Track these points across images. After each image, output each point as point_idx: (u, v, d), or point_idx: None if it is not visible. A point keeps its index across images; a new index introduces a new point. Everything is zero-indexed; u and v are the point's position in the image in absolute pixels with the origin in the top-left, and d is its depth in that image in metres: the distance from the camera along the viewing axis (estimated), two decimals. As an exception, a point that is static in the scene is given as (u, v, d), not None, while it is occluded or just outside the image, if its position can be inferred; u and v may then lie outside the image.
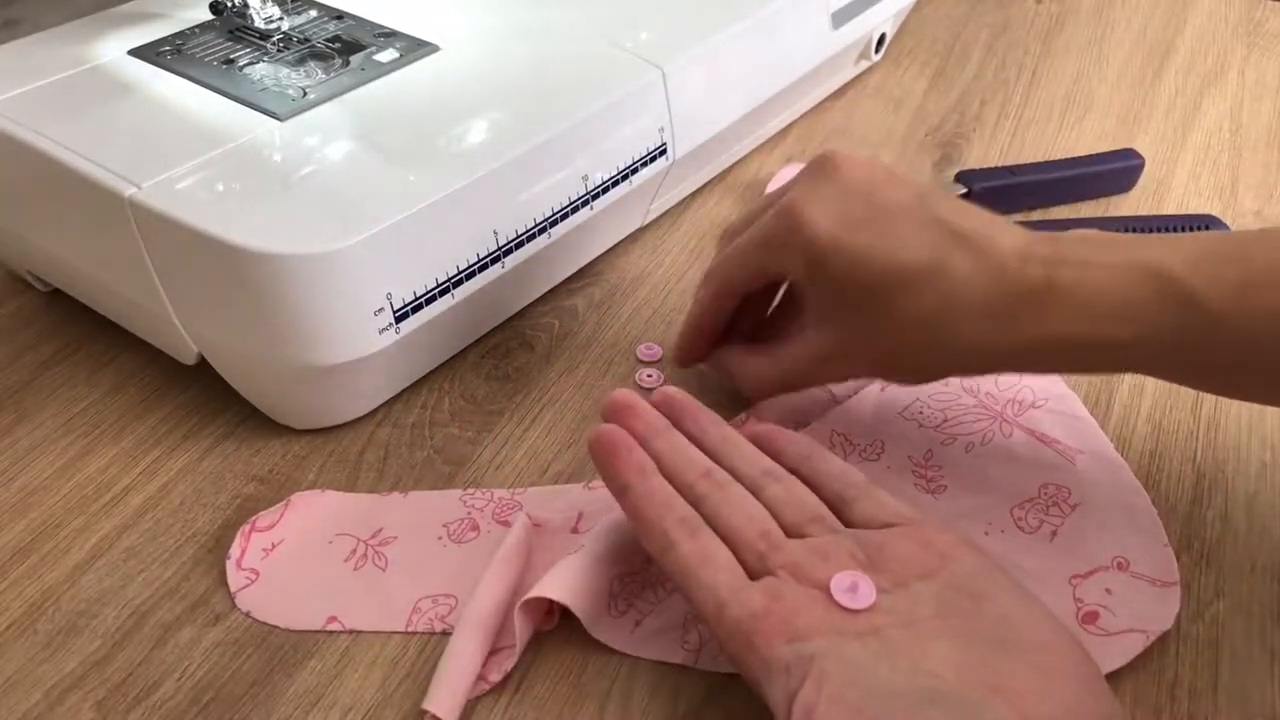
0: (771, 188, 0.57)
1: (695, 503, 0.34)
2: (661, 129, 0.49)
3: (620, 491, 0.34)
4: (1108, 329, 0.33)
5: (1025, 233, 0.36)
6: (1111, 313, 0.33)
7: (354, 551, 0.38)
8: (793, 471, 0.36)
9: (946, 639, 0.29)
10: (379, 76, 0.47)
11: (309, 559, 0.38)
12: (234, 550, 0.38)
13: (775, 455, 0.36)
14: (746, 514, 0.33)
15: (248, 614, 0.36)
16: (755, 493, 0.34)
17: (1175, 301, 0.33)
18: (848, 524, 0.34)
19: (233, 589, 0.37)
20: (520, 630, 0.34)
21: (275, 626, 0.36)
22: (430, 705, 0.32)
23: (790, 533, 0.33)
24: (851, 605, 0.30)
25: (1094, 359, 0.35)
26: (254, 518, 0.39)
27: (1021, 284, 0.34)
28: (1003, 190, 0.54)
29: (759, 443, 0.37)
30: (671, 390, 0.38)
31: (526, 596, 0.34)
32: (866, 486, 0.35)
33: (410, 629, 0.36)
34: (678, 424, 0.37)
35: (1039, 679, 0.28)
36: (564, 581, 0.34)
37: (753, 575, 0.32)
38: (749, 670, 0.30)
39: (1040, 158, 0.59)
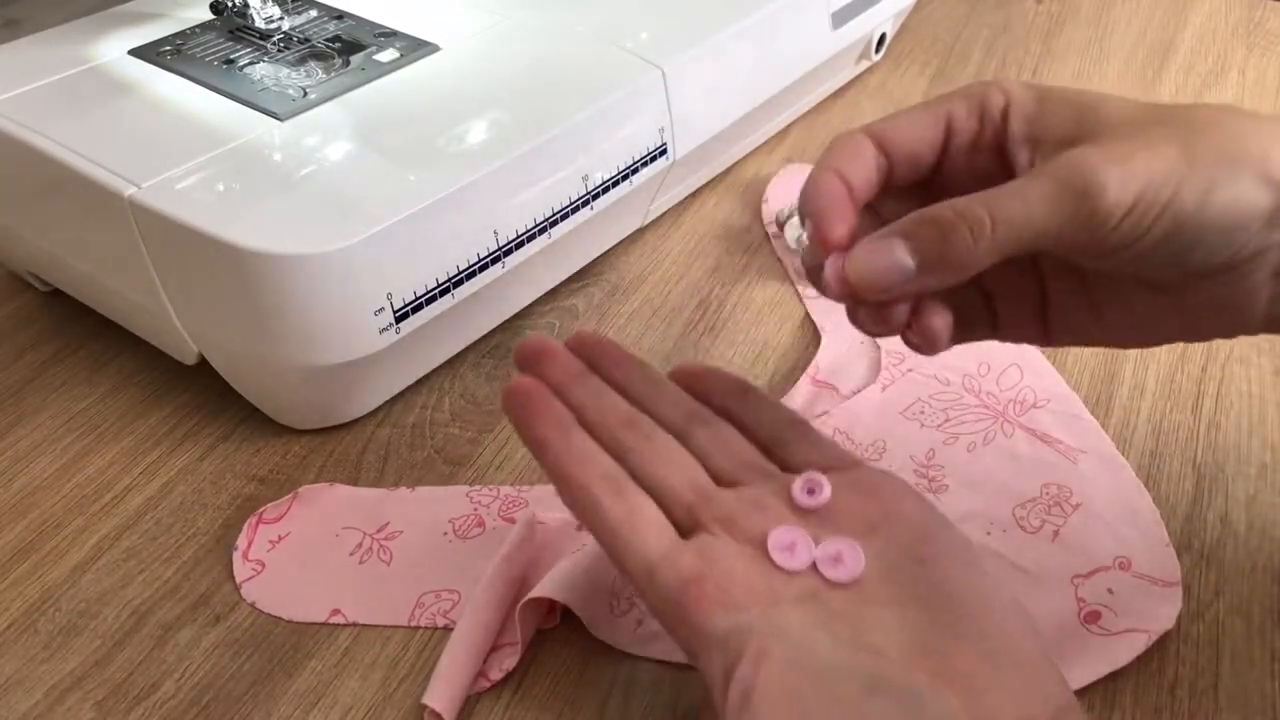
0: (772, 188, 0.57)
1: (619, 455, 0.31)
2: (661, 129, 0.49)
3: (537, 447, 0.31)
4: None
5: None
6: None
7: (359, 545, 0.38)
8: (723, 413, 0.33)
9: (891, 608, 0.27)
10: (379, 76, 0.47)
11: (314, 552, 0.38)
12: (240, 541, 0.38)
13: (705, 395, 0.34)
14: (674, 464, 0.31)
15: (253, 604, 0.37)
16: (683, 440, 0.32)
17: None
18: (783, 469, 0.31)
19: (238, 580, 0.37)
20: (522, 629, 0.34)
21: (278, 619, 0.36)
22: (430, 700, 0.32)
23: (722, 481, 0.31)
24: (789, 566, 0.28)
25: None
26: (261, 509, 0.39)
27: None
28: (1003, 190, 0.54)
29: (687, 382, 0.34)
30: (586, 332, 0.35)
31: (528, 596, 0.34)
32: (802, 427, 0.32)
33: (413, 624, 0.36)
34: (596, 368, 0.34)
35: (987, 664, 0.26)
36: (565, 581, 0.34)
37: (683, 531, 0.29)
38: (683, 640, 0.28)
39: (1041, 158, 0.59)
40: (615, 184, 0.48)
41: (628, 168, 0.48)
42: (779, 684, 0.26)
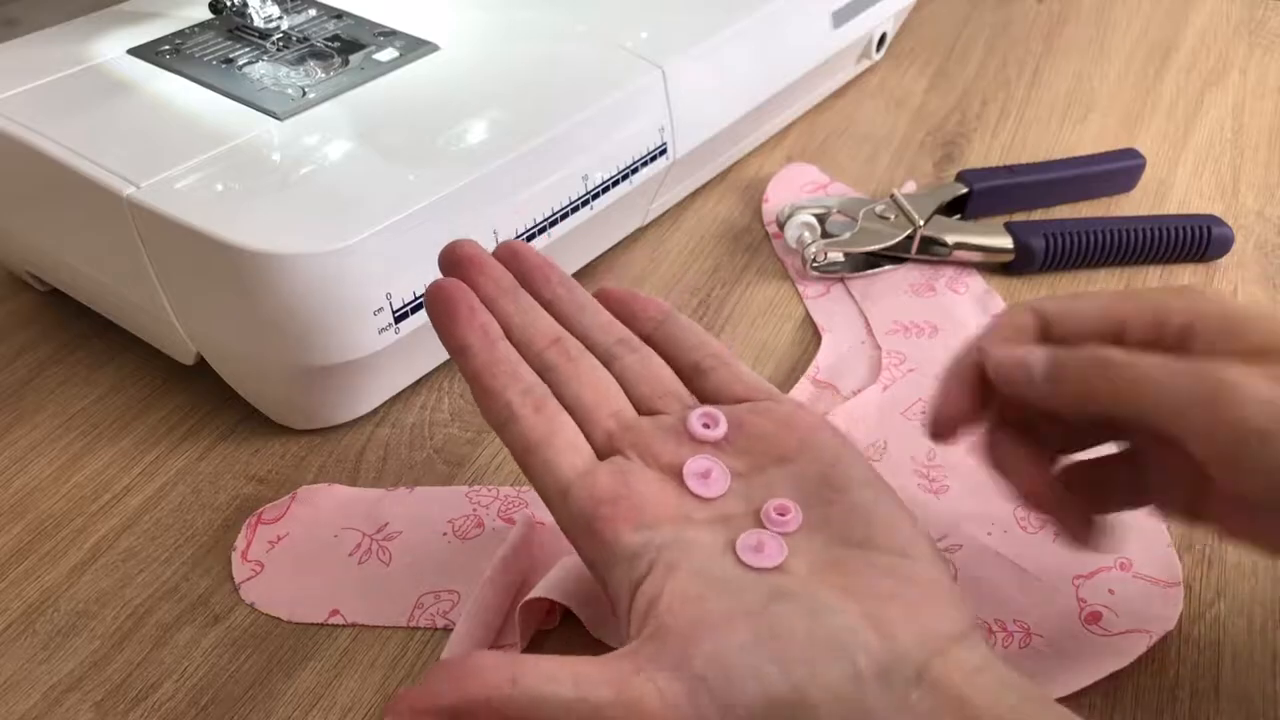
0: (772, 187, 0.57)
1: (542, 372, 0.32)
2: (661, 129, 0.49)
3: (459, 352, 0.32)
4: None
5: None
6: None
7: (359, 546, 0.38)
8: (647, 338, 0.33)
9: (801, 533, 0.28)
10: (379, 76, 0.47)
11: (313, 552, 0.38)
12: (239, 542, 0.38)
13: (629, 319, 0.34)
14: (597, 388, 0.31)
15: (252, 605, 0.36)
16: (607, 363, 0.32)
17: None
18: (702, 397, 0.32)
19: (237, 580, 0.37)
20: (521, 630, 0.34)
21: (277, 620, 0.36)
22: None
23: (642, 408, 0.31)
24: (704, 493, 0.29)
25: None
26: (260, 510, 0.39)
27: None
28: (1003, 190, 0.54)
29: (613, 305, 0.34)
30: (517, 244, 0.35)
31: (527, 597, 0.34)
32: (725, 357, 0.33)
33: (412, 624, 0.36)
34: (524, 283, 0.34)
35: (890, 581, 0.26)
36: (565, 582, 0.34)
37: (600, 455, 0.30)
38: (590, 556, 0.29)
39: (1041, 157, 0.59)
40: (615, 184, 0.47)
41: (628, 167, 0.48)
42: (684, 592, 0.26)
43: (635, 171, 0.48)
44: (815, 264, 0.50)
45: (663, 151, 0.49)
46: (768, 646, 0.25)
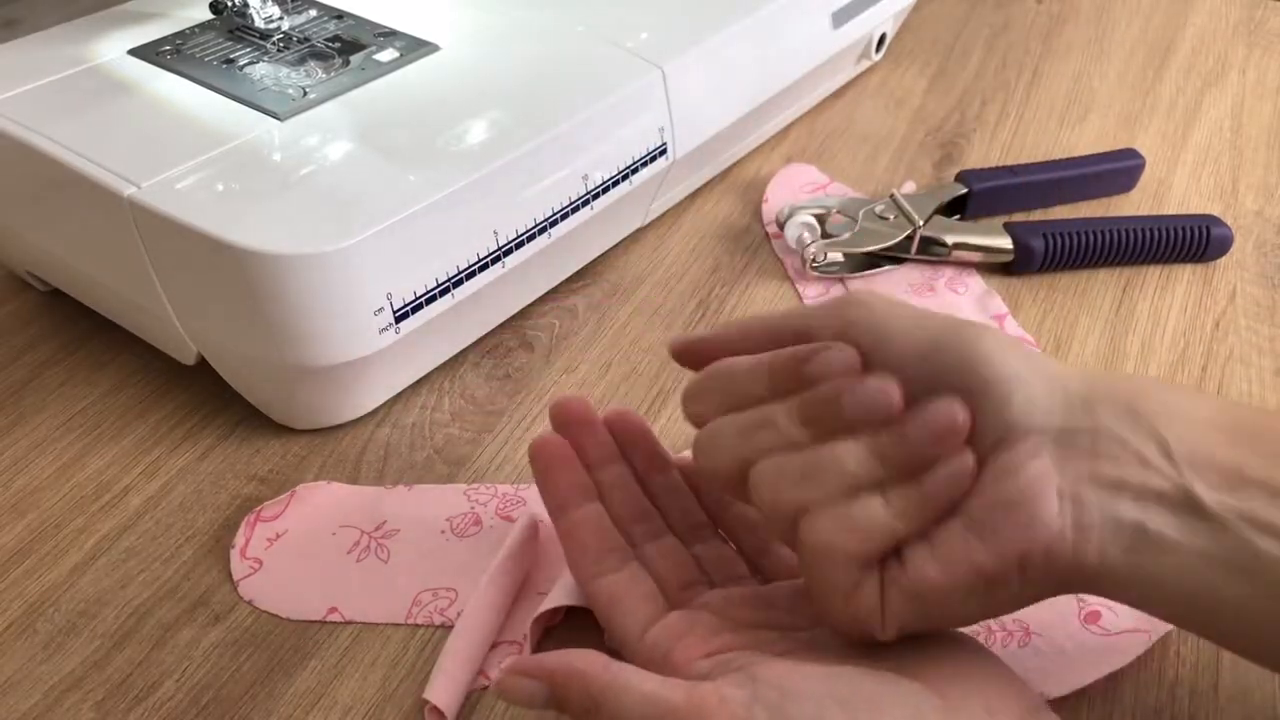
0: (772, 187, 0.57)
1: (626, 540, 0.34)
2: (661, 129, 0.49)
3: (557, 509, 0.34)
4: None
5: None
6: None
7: (357, 543, 0.38)
8: (715, 516, 0.36)
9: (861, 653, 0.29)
10: (379, 76, 0.47)
11: (312, 550, 0.38)
12: (238, 539, 0.38)
13: (697, 489, 0.36)
14: (674, 563, 0.33)
15: (250, 602, 0.36)
16: (685, 545, 0.34)
17: None
18: (766, 573, 0.34)
19: (236, 578, 0.37)
20: (532, 637, 0.34)
21: (278, 619, 0.36)
22: (430, 695, 0.32)
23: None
24: None
25: None
26: (259, 508, 0.39)
27: None
28: (1003, 190, 0.54)
29: (687, 474, 0.36)
30: (626, 412, 0.37)
31: (543, 608, 0.34)
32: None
33: (410, 621, 0.36)
34: (626, 451, 0.36)
35: (950, 668, 0.28)
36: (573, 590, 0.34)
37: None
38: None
39: (1041, 158, 0.59)
40: (615, 184, 0.47)
41: (628, 168, 0.48)
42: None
43: (635, 171, 0.48)
44: (815, 264, 0.50)
45: (663, 152, 0.49)
46: (832, 684, 0.26)
